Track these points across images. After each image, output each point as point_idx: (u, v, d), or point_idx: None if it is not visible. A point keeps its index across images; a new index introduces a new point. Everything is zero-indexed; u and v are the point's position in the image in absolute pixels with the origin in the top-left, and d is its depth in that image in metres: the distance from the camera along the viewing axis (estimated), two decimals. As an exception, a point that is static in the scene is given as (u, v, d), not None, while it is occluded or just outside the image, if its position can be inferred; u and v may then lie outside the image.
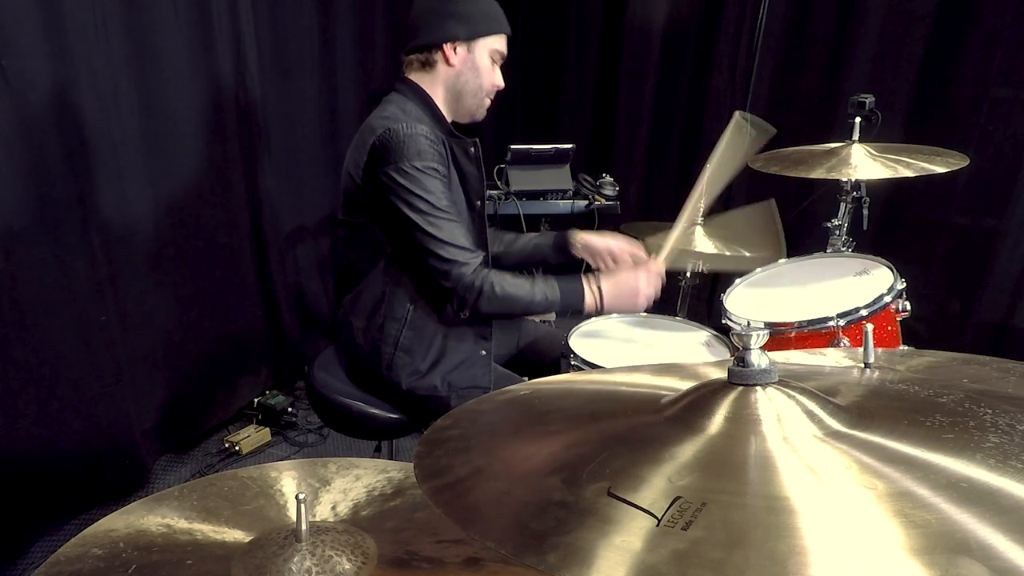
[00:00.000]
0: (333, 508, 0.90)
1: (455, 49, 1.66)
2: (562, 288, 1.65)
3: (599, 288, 1.65)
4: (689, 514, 0.53)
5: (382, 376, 1.72)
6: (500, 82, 1.74)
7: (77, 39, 2.01)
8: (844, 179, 2.10)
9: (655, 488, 0.57)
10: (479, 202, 1.76)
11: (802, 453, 0.60)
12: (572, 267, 1.94)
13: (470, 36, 1.66)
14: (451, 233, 1.58)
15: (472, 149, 1.71)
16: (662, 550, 0.51)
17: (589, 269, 1.85)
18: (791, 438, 0.62)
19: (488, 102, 1.76)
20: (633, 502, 0.55)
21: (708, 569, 0.49)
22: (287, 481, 0.95)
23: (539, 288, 1.63)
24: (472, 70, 1.69)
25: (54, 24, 1.94)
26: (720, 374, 0.72)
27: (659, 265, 1.72)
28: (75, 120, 2.04)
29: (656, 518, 0.53)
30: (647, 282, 1.67)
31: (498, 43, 1.70)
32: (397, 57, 1.77)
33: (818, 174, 1.96)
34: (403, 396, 1.73)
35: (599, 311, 1.69)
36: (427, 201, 1.56)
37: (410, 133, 1.57)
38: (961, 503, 0.52)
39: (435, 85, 1.70)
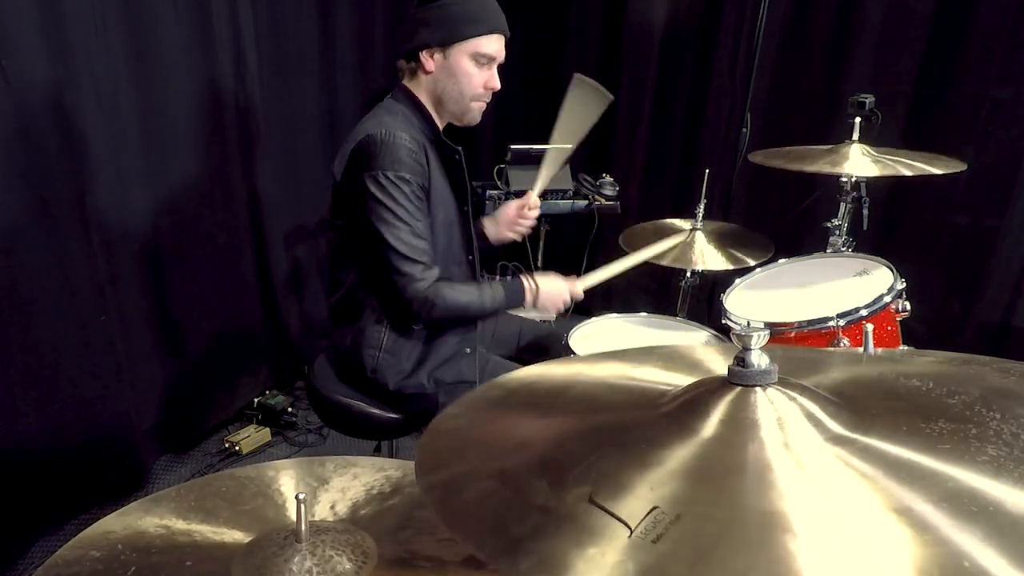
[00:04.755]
0: (332, 507, 0.90)
1: (431, 56, 1.65)
2: (506, 288, 1.75)
3: (536, 286, 1.77)
4: (662, 526, 0.53)
5: (368, 379, 1.73)
6: (493, 84, 1.68)
7: (77, 39, 2.01)
8: (843, 176, 2.10)
9: (639, 495, 0.57)
10: (465, 207, 1.78)
11: (799, 461, 0.59)
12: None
13: (442, 42, 1.63)
14: (411, 247, 1.60)
15: (456, 157, 1.73)
16: (630, 563, 0.51)
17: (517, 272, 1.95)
18: (790, 444, 0.61)
19: (478, 105, 1.71)
20: (611, 511, 0.55)
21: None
22: (285, 481, 0.95)
23: (487, 293, 1.71)
24: (449, 76, 1.65)
25: (54, 24, 1.93)
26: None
27: (579, 288, 1.84)
28: (75, 120, 2.03)
29: (630, 529, 0.53)
30: (569, 294, 1.82)
31: (481, 45, 1.63)
32: (394, 61, 1.77)
33: (818, 167, 1.97)
34: (392, 396, 1.74)
35: (533, 305, 1.81)
36: (393, 212, 1.57)
37: (388, 141, 1.57)
38: (954, 520, 0.51)
39: (422, 91, 1.70)
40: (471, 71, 1.65)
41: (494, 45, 1.65)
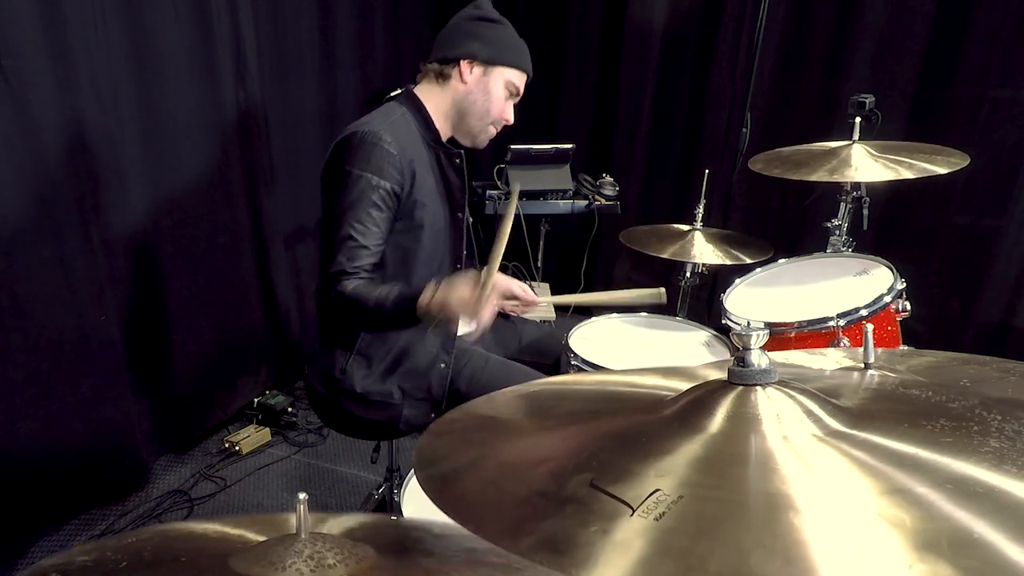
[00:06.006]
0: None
1: (472, 68, 1.65)
2: (403, 289, 1.51)
3: (444, 291, 1.45)
4: (664, 506, 0.53)
5: (334, 379, 1.70)
6: (509, 117, 1.73)
7: (77, 39, 2.01)
8: (845, 182, 2.10)
9: (641, 482, 0.57)
10: (460, 213, 1.75)
11: (800, 451, 0.60)
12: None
13: (489, 60, 1.66)
14: (347, 245, 1.51)
15: (457, 160, 1.72)
16: (634, 538, 0.51)
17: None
18: (790, 437, 0.62)
19: (492, 131, 1.75)
20: (612, 493, 0.55)
21: (673, 557, 0.49)
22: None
23: (385, 293, 1.50)
24: (483, 92, 1.67)
25: (54, 24, 1.94)
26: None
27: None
28: (75, 120, 2.03)
29: (631, 508, 0.53)
30: (477, 297, 1.44)
31: (515, 77, 1.70)
32: (416, 64, 1.76)
33: (819, 176, 1.94)
34: (356, 398, 1.70)
35: (434, 306, 1.46)
36: (347, 207, 1.52)
37: (368, 140, 1.54)
38: (958, 500, 0.52)
39: (442, 99, 1.69)
40: (500, 96, 1.69)
41: (522, 82, 1.73)
